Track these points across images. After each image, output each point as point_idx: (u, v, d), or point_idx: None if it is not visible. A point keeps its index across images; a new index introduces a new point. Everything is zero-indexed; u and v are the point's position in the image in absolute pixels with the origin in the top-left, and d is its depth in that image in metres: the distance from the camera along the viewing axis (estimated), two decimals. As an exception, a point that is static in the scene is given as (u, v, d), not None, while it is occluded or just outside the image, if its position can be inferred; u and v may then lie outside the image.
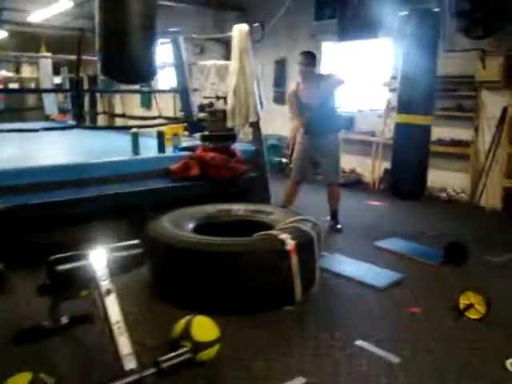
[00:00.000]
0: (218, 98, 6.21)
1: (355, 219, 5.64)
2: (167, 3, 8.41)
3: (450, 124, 6.59)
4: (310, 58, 5.03)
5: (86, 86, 12.62)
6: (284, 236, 3.29)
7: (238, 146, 5.84)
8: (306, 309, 3.36)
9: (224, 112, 5.83)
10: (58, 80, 9.76)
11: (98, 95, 11.82)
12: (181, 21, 9.05)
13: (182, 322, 2.72)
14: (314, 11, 7.66)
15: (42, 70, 8.75)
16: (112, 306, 2.43)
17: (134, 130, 5.15)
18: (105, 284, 2.45)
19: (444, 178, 6.74)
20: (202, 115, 6.07)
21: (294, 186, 5.33)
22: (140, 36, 2.85)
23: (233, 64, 5.66)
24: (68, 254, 2.49)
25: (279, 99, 8.39)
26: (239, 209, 4.17)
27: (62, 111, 9.68)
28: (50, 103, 9.00)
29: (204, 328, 2.71)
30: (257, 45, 8.54)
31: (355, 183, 7.61)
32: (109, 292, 2.44)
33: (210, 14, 8.40)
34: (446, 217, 5.96)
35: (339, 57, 8.09)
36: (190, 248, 3.26)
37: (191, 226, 3.76)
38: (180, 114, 7.72)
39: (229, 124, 5.78)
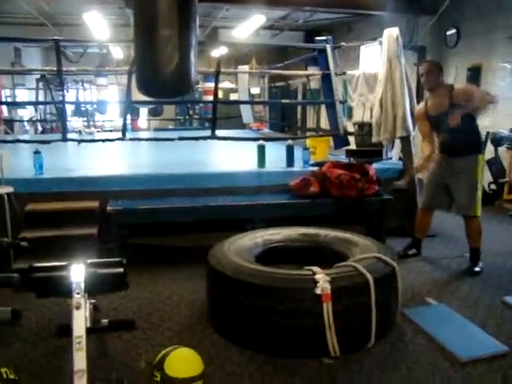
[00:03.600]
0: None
1: (510, 262, 4.50)
2: (364, 12, 8.09)
3: None
4: (432, 67, 4.13)
5: (299, 96, 13.08)
6: (320, 277, 2.78)
7: (381, 165, 5.24)
8: (345, 368, 2.78)
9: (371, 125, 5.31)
10: (256, 90, 10.24)
11: (307, 107, 12.12)
12: (377, 29, 8.59)
13: (163, 351, 2.53)
14: (514, 7, 6.35)
15: (240, 82, 9.32)
16: (78, 321, 2.40)
17: (262, 142, 5.05)
18: (77, 297, 2.44)
19: None
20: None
21: (423, 214, 4.49)
22: (175, 47, 2.74)
23: (381, 72, 5.10)
24: (51, 263, 2.55)
25: (473, 112, 7.20)
26: (327, 235, 3.71)
27: (259, 120, 10.19)
28: (247, 112, 9.54)
29: (181, 363, 2.46)
30: (449, 51, 7.64)
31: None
32: (78, 306, 2.42)
33: (403, 20, 7.73)
34: None
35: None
36: (229, 275, 3.00)
37: (258, 250, 3.48)
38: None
39: (373, 139, 5.26)
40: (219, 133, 5.20)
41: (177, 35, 2.75)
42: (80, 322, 2.40)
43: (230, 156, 6.54)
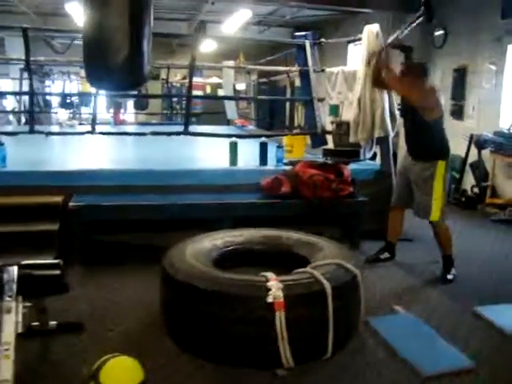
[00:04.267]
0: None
1: (485, 269, 4.36)
2: (352, 9, 7.90)
3: None
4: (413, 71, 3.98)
5: (288, 94, 12.88)
6: (272, 284, 2.62)
7: (358, 165, 5.10)
8: (299, 380, 2.63)
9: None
10: (242, 86, 10.08)
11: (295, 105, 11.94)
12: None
13: (100, 359, 2.38)
14: (500, 8, 6.18)
15: (225, 77, 9.17)
16: (7, 326, 2.24)
17: (234, 139, 4.89)
18: (7, 301, 2.28)
19: None
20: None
21: (393, 214, 4.35)
22: (122, 38, 2.57)
23: (360, 70, 4.94)
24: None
25: (457, 113, 7.07)
26: (290, 237, 3.55)
27: (243, 117, 10.03)
28: (231, 109, 9.39)
29: (118, 373, 2.32)
30: (436, 51, 7.50)
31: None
32: (8, 310, 2.26)
33: (390, 16, 7.59)
34: None
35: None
36: (179, 279, 2.84)
37: (217, 253, 3.31)
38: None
39: (351, 138, 5.12)
40: (198, 128, 5.05)
41: (127, 25, 2.59)
42: (9, 327, 2.24)
43: (211, 153, 6.35)
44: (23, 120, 11.28)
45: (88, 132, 4.87)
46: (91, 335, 3.04)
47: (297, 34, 5.52)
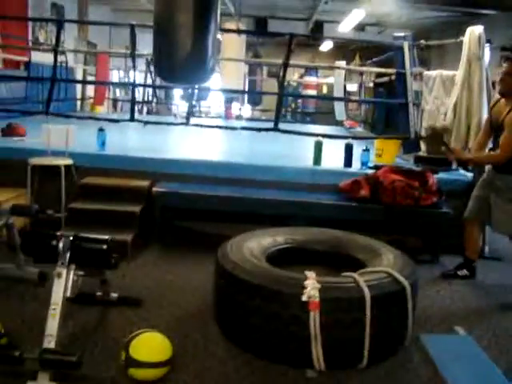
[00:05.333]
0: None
1: None
2: (478, 11, 7.44)
3: None
4: None
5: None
6: (309, 283, 2.60)
7: (448, 175, 4.81)
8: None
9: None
10: (353, 87, 9.88)
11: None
12: (488, 31, 7.84)
13: (133, 333, 2.55)
14: None
15: (336, 78, 9.09)
16: (56, 289, 2.49)
17: (319, 138, 4.86)
18: (59, 267, 2.53)
19: None
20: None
21: (469, 228, 3.99)
22: (186, 34, 2.71)
23: (458, 74, 4.66)
24: (45, 232, 2.66)
25: None
26: (349, 240, 3.47)
27: (352, 118, 9.86)
28: (340, 109, 9.29)
29: (146, 346, 2.48)
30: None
31: None
32: (59, 275, 2.51)
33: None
34: None
35: None
36: (226, 268, 2.92)
37: (273, 249, 3.33)
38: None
39: (443, 146, 4.81)
40: (310, 127, 5.02)
41: (191, 21, 2.73)
42: (58, 290, 2.49)
43: (304, 151, 6.36)
44: (145, 109, 12.18)
45: (182, 123, 5.15)
46: (146, 311, 3.24)
47: (395, 34, 5.33)
